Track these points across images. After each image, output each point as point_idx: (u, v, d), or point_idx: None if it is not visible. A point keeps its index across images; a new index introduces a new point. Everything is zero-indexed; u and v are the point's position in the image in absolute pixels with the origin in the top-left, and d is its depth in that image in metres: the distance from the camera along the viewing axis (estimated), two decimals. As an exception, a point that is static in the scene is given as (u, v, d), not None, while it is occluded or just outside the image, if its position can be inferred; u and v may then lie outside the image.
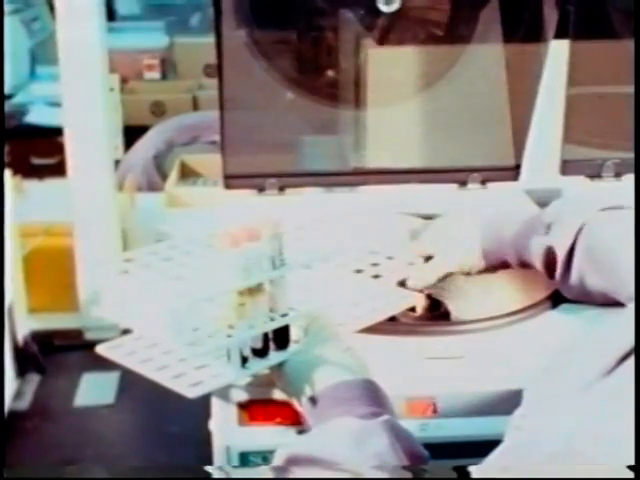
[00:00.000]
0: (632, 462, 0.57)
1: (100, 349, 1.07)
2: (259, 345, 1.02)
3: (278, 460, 0.90)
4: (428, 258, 1.28)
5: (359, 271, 1.15)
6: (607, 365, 0.65)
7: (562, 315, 1.25)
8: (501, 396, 1.07)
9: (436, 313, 1.35)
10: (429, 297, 1.33)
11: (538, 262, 1.19)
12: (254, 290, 1.00)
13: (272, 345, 1.03)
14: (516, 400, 0.74)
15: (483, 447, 0.70)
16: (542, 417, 0.68)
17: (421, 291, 1.28)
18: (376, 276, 1.15)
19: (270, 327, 1.01)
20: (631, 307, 0.78)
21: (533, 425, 0.68)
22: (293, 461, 0.89)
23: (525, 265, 1.22)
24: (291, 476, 0.89)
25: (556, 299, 1.27)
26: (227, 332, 0.99)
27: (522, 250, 1.20)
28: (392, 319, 1.21)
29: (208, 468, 1.15)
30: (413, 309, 1.29)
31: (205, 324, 1.00)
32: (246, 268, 0.98)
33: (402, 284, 1.26)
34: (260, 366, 1.03)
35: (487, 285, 1.43)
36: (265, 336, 1.02)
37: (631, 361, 0.64)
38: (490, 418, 1.07)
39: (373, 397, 0.95)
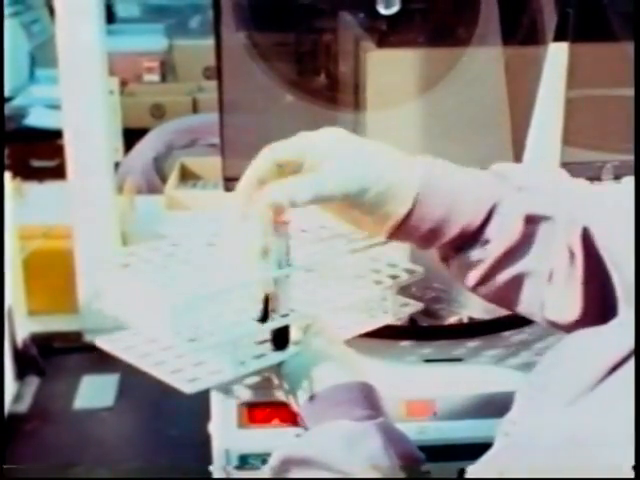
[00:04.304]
0: (626, 466, 0.57)
1: (99, 342, 1.06)
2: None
3: (273, 461, 0.90)
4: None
5: (360, 277, 1.15)
6: (598, 375, 0.65)
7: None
8: (500, 399, 1.07)
9: (430, 316, 1.35)
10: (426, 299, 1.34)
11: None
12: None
13: (270, 345, 1.03)
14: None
15: (482, 449, 0.70)
16: (531, 424, 0.68)
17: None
18: (378, 282, 1.15)
19: (270, 327, 1.01)
20: (624, 316, 0.78)
21: (522, 432, 0.68)
22: (288, 462, 0.89)
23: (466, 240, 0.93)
24: (285, 477, 0.89)
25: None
26: (227, 329, 1.00)
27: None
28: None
29: (207, 469, 1.16)
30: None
31: (205, 321, 1.00)
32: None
33: (403, 291, 1.26)
34: (259, 365, 1.03)
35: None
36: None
37: (622, 371, 0.64)
38: (489, 420, 1.07)
39: (369, 400, 0.95)
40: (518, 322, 1.25)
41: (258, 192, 0.91)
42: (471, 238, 0.89)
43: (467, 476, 0.68)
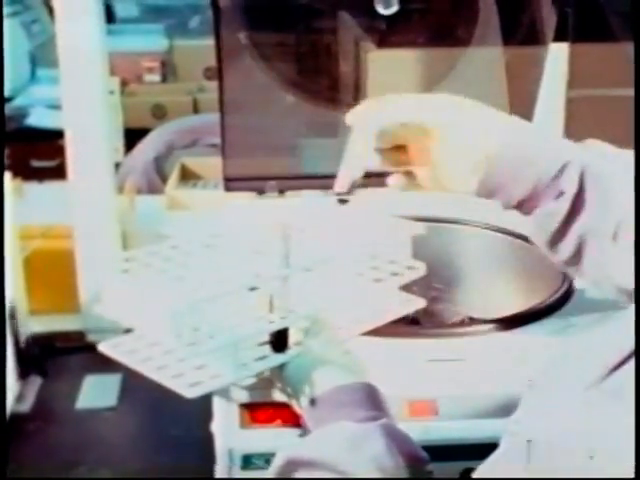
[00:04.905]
0: (628, 466, 0.58)
1: (101, 347, 1.07)
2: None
3: (277, 463, 0.90)
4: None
5: (360, 275, 1.16)
6: (601, 372, 0.66)
7: (562, 318, 1.25)
8: (502, 398, 1.07)
9: (432, 316, 1.35)
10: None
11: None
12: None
13: (269, 348, 1.03)
14: (517, 403, 0.75)
15: (485, 449, 0.71)
16: (537, 423, 0.68)
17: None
18: (377, 280, 1.16)
19: (269, 329, 1.01)
20: (626, 313, 0.78)
21: (528, 431, 0.68)
22: (292, 464, 0.89)
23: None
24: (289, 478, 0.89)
25: (555, 303, 1.28)
26: (228, 332, 1.00)
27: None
28: (394, 321, 1.21)
29: (210, 469, 1.16)
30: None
31: (206, 324, 1.00)
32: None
33: (405, 291, 1.26)
34: (260, 367, 1.03)
35: (487, 287, 1.44)
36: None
37: (625, 368, 0.65)
38: (492, 420, 1.07)
39: (372, 401, 0.95)
40: (520, 321, 1.25)
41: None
42: (547, 192, 0.98)
43: (473, 476, 0.68)
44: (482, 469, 0.68)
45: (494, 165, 0.98)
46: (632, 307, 0.78)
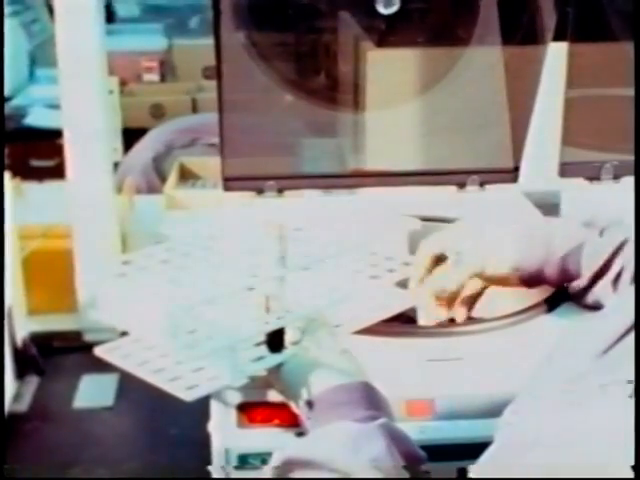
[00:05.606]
0: (622, 458, 0.58)
1: (98, 351, 1.07)
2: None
3: (275, 462, 0.90)
4: (438, 260, 1.21)
5: (357, 272, 1.15)
6: (591, 361, 0.66)
7: (560, 317, 1.25)
8: (500, 398, 1.07)
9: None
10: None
11: (588, 268, 1.18)
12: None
13: (265, 348, 1.03)
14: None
15: (482, 449, 0.70)
16: (533, 413, 0.68)
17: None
18: (374, 277, 1.15)
19: (265, 330, 1.01)
20: (608, 308, 0.79)
21: (524, 421, 0.68)
22: (290, 464, 0.89)
23: (566, 278, 1.21)
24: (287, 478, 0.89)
25: (554, 301, 1.27)
26: (225, 333, 0.99)
27: (570, 262, 1.19)
28: (391, 320, 1.21)
29: (207, 468, 1.16)
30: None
31: (202, 326, 1.00)
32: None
33: (401, 285, 1.26)
34: (257, 368, 1.03)
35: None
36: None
37: (614, 353, 0.65)
38: (489, 420, 1.07)
39: (370, 400, 0.95)
40: (519, 320, 1.25)
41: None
42: (572, 272, 1.19)
43: (470, 475, 0.68)
44: (478, 467, 0.68)
45: (525, 265, 1.18)
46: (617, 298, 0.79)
